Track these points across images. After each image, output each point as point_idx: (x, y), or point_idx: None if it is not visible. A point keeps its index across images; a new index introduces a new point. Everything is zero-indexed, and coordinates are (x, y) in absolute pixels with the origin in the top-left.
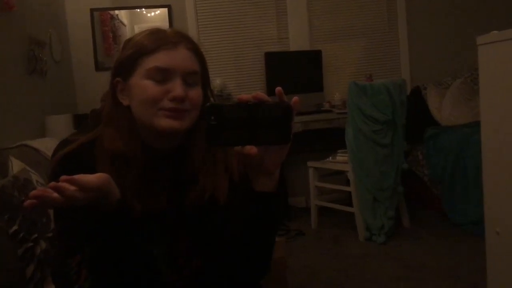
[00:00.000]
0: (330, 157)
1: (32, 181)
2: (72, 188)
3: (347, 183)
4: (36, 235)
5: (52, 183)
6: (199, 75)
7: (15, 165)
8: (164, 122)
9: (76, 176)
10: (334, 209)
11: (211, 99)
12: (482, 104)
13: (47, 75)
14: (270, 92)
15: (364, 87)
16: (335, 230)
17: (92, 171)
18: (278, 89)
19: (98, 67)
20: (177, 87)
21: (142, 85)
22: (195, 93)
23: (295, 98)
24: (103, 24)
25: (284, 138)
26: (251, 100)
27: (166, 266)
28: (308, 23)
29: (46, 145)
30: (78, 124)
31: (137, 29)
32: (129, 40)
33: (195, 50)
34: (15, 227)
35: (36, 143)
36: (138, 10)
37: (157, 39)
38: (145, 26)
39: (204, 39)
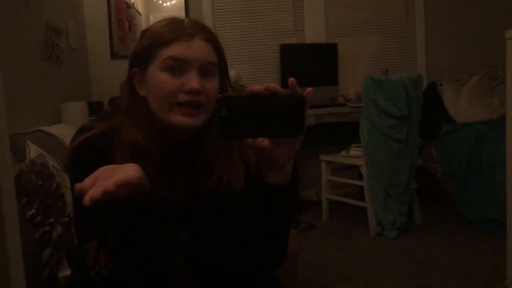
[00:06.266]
0: (344, 151)
1: (48, 166)
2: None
3: (359, 177)
4: (52, 220)
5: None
6: (217, 66)
7: (32, 150)
8: (179, 120)
9: (119, 176)
10: (345, 203)
11: (229, 89)
12: (508, 97)
13: (63, 62)
14: (284, 84)
15: (380, 81)
16: (346, 224)
17: (109, 159)
18: (291, 80)
19: (114, 55)
20: (193, 80)
21: (158, 77)
22: (212, 85)
23: (309, 89)
24: (119, 12)
25: (297, 131)
26: (263, 91)
27: (182, 255)
28: (325, 15)
29: (62, 131)
30: (92, 111)
31: (152, 18)
32: (146, 30)
33: (213, 41)
34: (32, 211)
35: (52, 129)
36: None
37: (174, 30)
38: (161, 15)
39: (220, 30)
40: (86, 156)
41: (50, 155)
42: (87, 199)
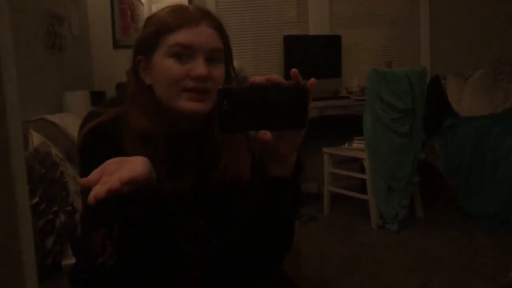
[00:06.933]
0: (346, 144)
1: (52, 155)
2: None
3: (361, 170)
4: (56, 208)
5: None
6: (222, 52)
7: (35, 138)
8: (186, 105)
9: (124, 173)
10: (346, 196)
11: (234, 76)
12: None
13: (66, 51)
14: (287, 76)
15: (384, 74)
16: (347, 217)
17: (119, 145)
18: (294, 70)
19: (116, 44)
20: (199, 66)
21: (164, 64)
22: (218, 71)
23: (311, 80)
24: (121, 2)
25: (300, 123)
26: (265, 83)
27: (187, 247)
28: (329, 7)
29: (64, 120)
30: (94, 101)
31: (155, 8)
32: (151, 17)
33: (218, 28)
34: (36, 199)
35: (55, 118)
36: None
37: (179, 16)
38: (163, 5)
39: (223, 20)
40: (95, 143)
41: (53, 144)
42: (91, 198)
